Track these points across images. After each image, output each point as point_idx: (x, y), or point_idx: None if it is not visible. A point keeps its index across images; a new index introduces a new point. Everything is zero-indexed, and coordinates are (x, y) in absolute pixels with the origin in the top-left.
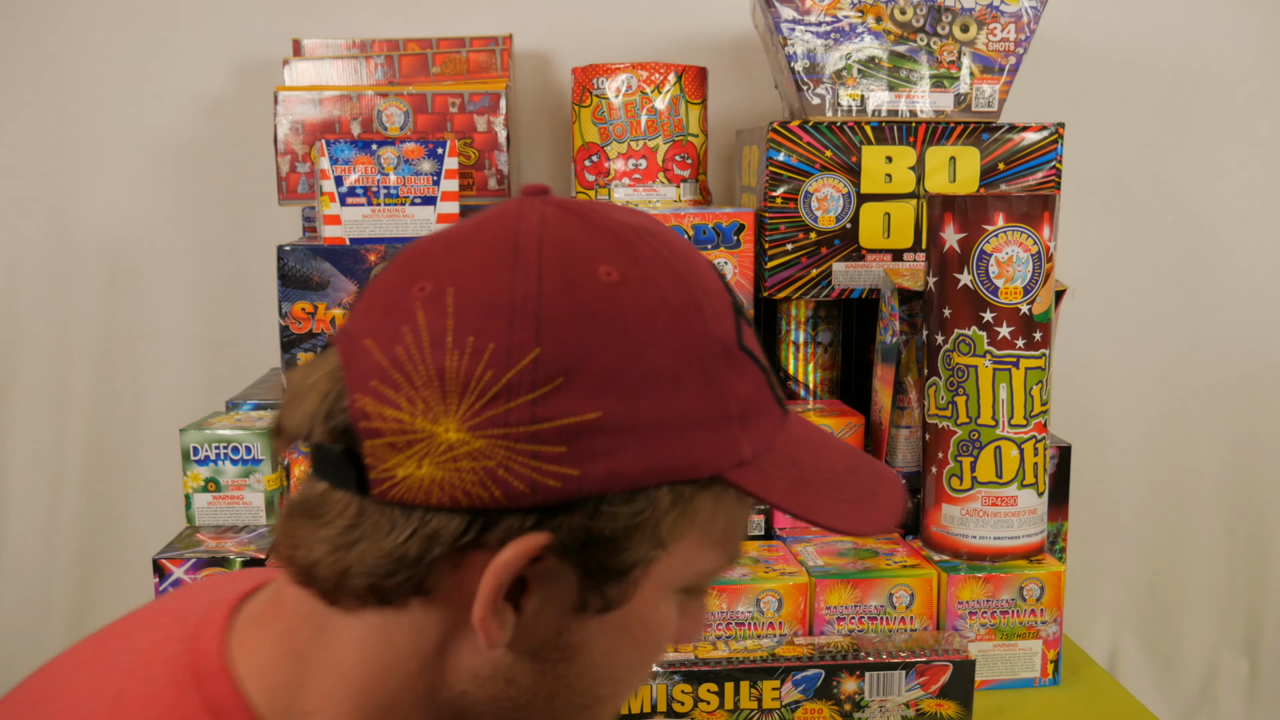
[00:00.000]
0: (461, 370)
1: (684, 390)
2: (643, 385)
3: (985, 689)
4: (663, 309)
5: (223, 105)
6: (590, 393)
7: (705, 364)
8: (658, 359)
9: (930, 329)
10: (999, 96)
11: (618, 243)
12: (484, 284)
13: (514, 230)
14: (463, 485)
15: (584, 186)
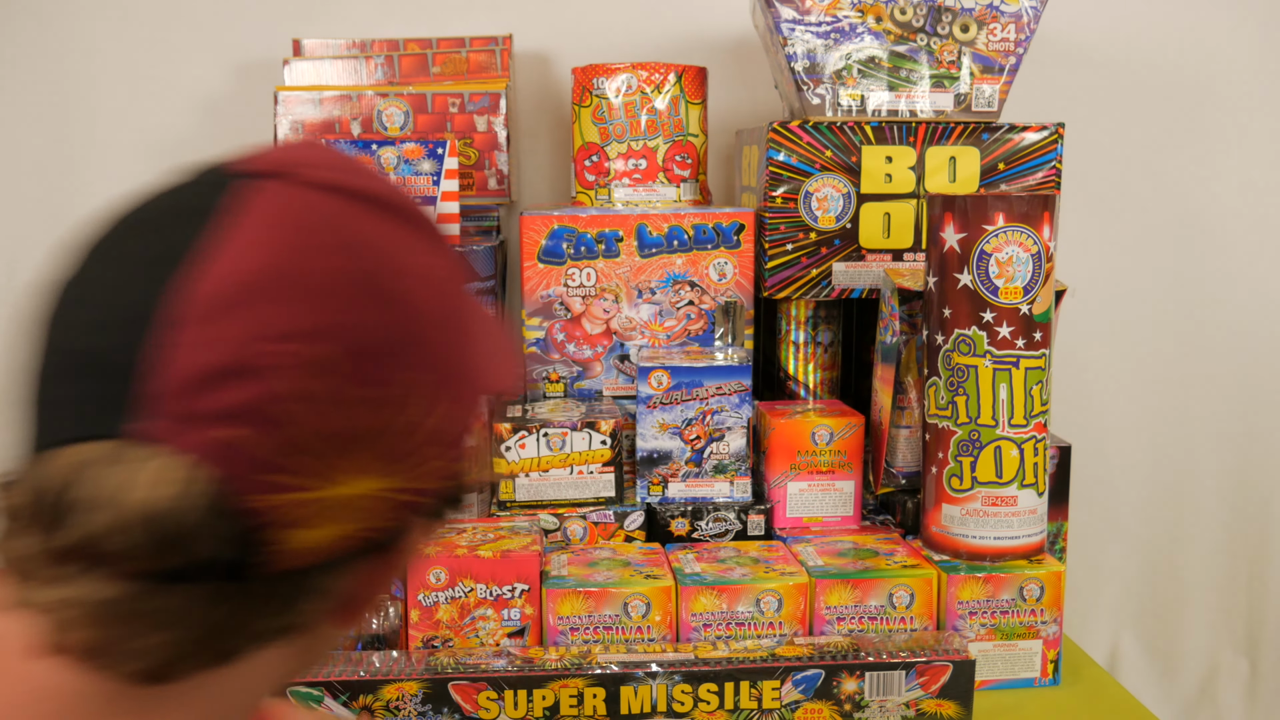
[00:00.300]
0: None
1: None
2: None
3: (985, 689)
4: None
5: (223, 105)
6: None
7: None
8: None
9: (930, 329)
10: (999, 96)
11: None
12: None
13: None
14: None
15: (584, 186)
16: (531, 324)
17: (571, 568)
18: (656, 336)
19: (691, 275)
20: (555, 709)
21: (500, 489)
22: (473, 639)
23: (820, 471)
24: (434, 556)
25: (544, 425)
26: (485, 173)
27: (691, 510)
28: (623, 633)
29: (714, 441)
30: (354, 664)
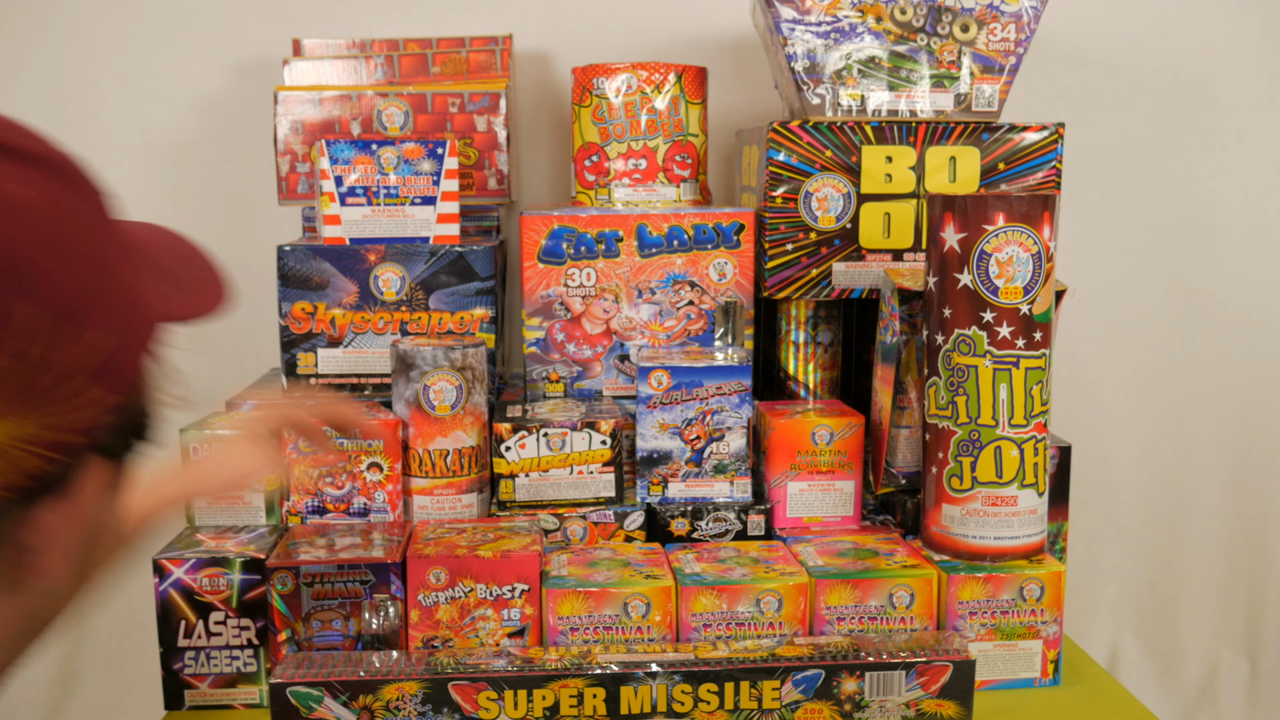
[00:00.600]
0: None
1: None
2: None
3: (985, 689)
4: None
5: (223, 105)
6: None
7: None
8: None
9: (930, 329)
10: (999, 96)
11: None
12: None
13: None
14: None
15: (584, 186)
16: (531, 324)
17: (571, 568)
18: (656, 336)
19: (691, 275)
20: (555, 709)
21: (500, 489)
22: (473, 639)
23: (820, 471)
24: (434, 557)
25: (544, 425)
26: (485, 173)
27: (691, 510)
28: (623, 633)
29: (714, 441)
30: (354, 664)
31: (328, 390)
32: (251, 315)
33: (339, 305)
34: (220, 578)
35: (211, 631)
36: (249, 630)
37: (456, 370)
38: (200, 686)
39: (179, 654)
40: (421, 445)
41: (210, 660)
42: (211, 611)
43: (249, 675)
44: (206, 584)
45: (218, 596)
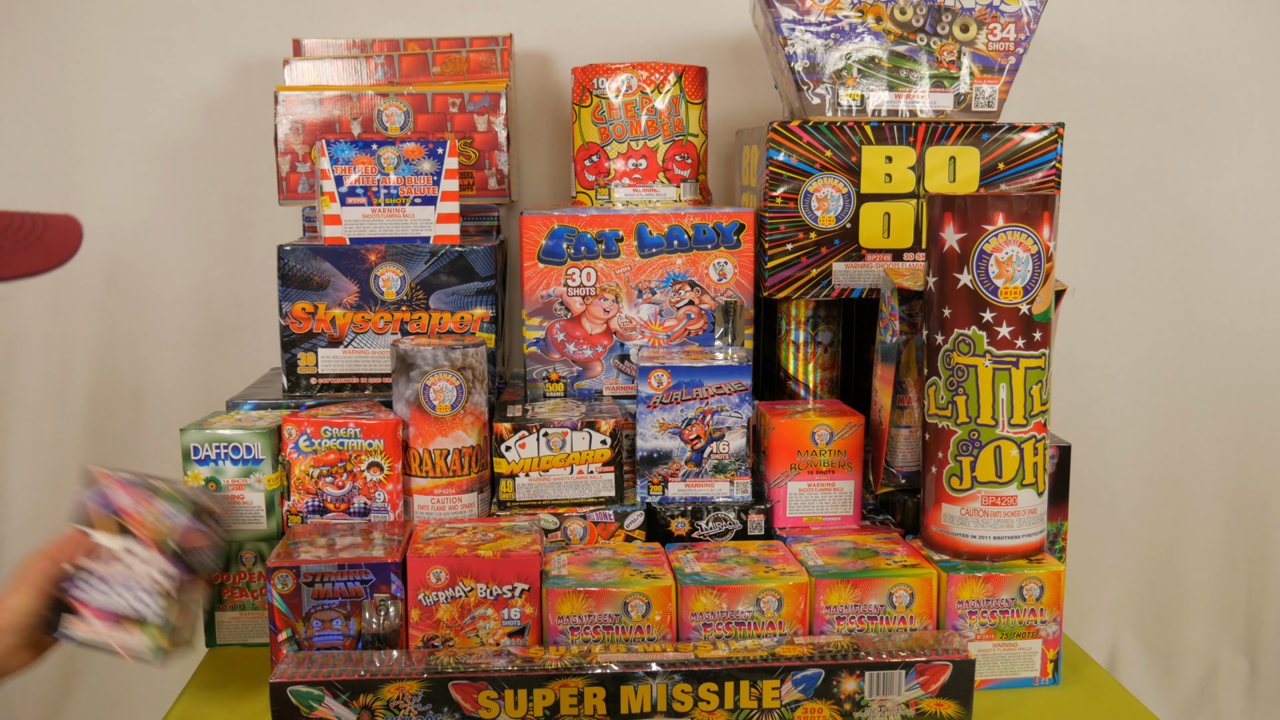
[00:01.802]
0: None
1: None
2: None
3: (985, 689)
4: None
5: (223, 105)
6: None
7: None
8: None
9: (930, 329)
10: (999, 96)
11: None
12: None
13: None
14: None
15: (584, 186)
16: (531, 324)
17: (571, 567)
18: (656, 336)
19: (691, 275)
20: (555, 709)
21: (500, 489)
22: (473, 639)
23: (820, 471)
24: (434, 556)
25: (544, 425)
26: (485, 173)
27: (691, 510)
28: (623, 632)
29: (714, 441)
30: (354, 664)
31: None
32: (251, 315)
33: (339, 305)
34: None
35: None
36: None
37: (457, 370)
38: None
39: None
40: (422, 445)
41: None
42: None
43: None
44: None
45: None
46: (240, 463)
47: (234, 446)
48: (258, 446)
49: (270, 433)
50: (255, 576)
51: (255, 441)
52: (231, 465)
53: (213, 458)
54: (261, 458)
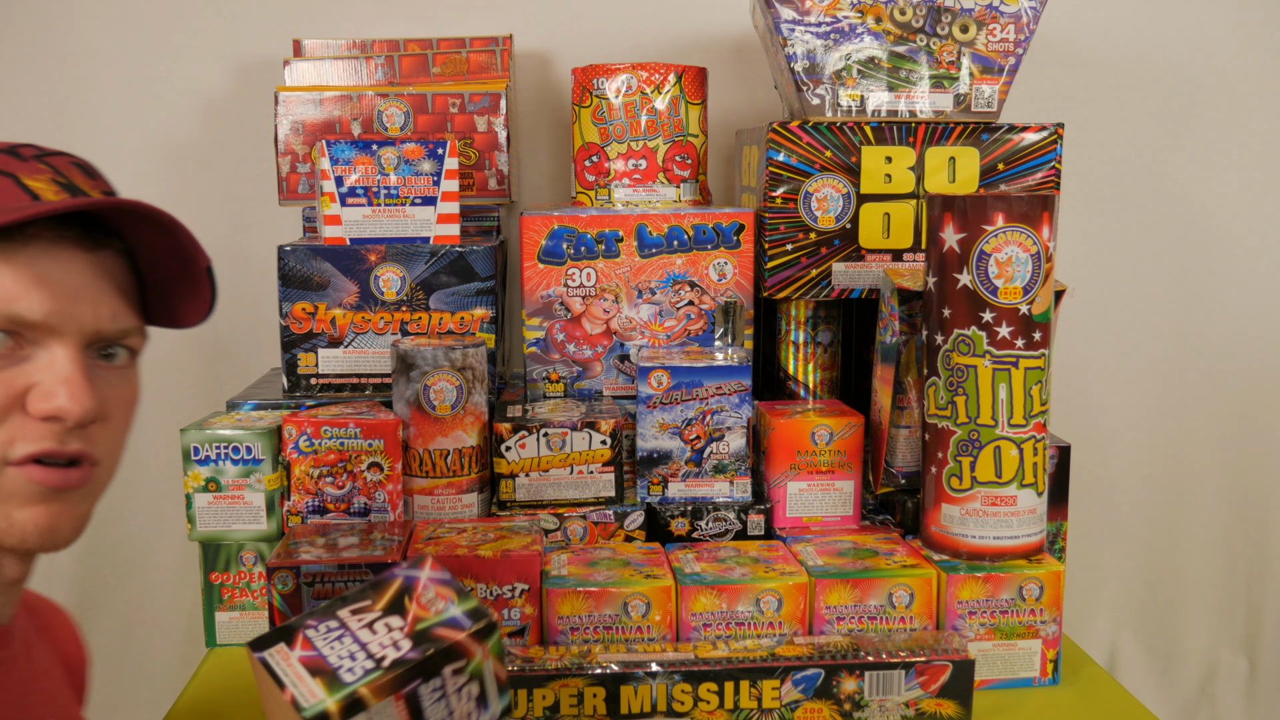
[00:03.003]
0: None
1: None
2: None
3: (985, 689)
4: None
5: (223, 105)
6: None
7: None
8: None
9: (930, 329)
10: (998, 97)
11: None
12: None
13: None
14: None
15: (584, 186)
16: (531, 324)
17: (571, 567)
18: (656, 336)
19: (691, 275)
20: (555, 709)
21: (500, 489)
22: None
23: (820, 471)
24: (434, 556)
25: (544, 425)
26: (485, 173)
27: (691, 510)
28: (623, 633)
29: (714, 441)
30: None
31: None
32: (252, 315)
33: (339, 305)
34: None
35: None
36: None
37: (457, 370)
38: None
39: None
40: (422, 445)
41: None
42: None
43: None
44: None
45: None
46: (240, 463)
47: (234, 446)
48: (258, 446)
49: (270, 433)
50: (255, 576)
51: (255, 441)
52: (231, 465)
53: (213, 458)
54: (262, 458)
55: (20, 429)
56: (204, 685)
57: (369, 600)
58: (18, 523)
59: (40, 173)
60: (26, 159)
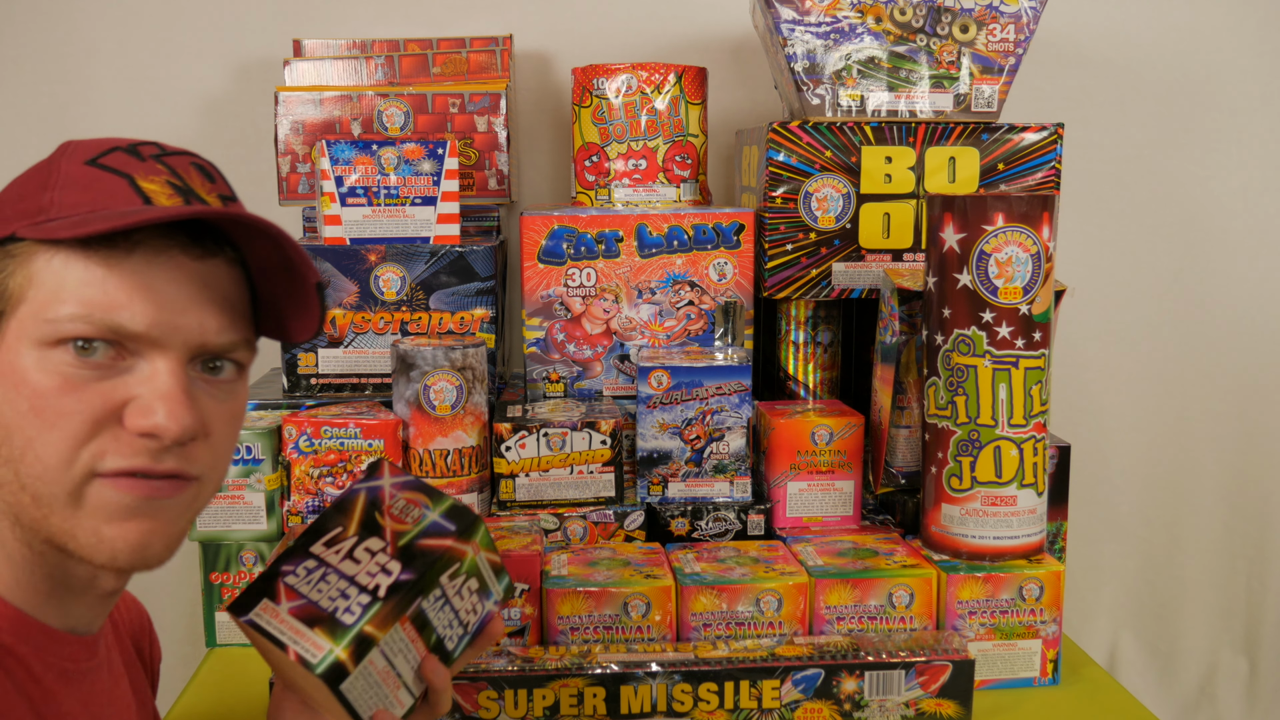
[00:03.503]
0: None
1: (16, 196)
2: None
3: (985, 689)
4: (46, 164)
5: (223, 105)
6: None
7: (41, 178)
8: (17, 186)
9: (930, 329)
10: (998, 97)
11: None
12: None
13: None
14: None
15: (584, 186)
16: (531, 324)
17: (571, 568)
18: (656, 336)
19: (691, 275)
20: (555, 709)
21: (500, 489)
22: None
23: (820, 471)
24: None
25: (544, 425)
26: (485, 173)
27: (691, 510)
28: (623, 633)
29: (714, 441)
30: None
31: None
32: None
33: (339, 305)
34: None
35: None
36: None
37: (457, 370)
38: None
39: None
40: (422, 445)
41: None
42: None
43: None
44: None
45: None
46: (240, 463)
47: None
48: (258, 446)
49: (270, 433)
50: (255, 576)
51: (255, 441)
52: (232, 465)
53: None
54: (261, 458)
55: (114, 442)
56: (204, 685)
57: (339, 527)
58: (108, 539)
59: (157, 174)
60: (145, 158)
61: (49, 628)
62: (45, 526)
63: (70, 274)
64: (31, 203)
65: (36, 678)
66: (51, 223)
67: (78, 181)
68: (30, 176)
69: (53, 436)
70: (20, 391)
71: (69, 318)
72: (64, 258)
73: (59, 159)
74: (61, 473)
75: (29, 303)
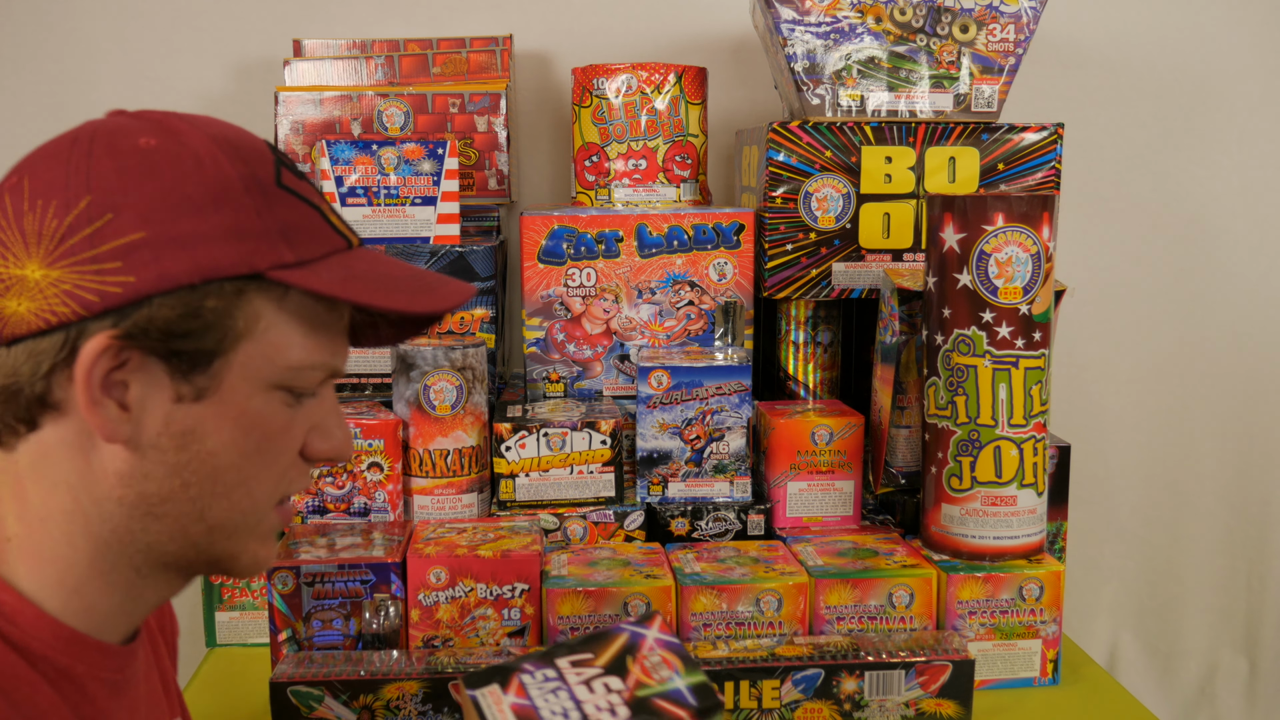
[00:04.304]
0: (35, 224)
1: (216, 212)
2: (178, 210)
3: (985, 689)
4: (191, 159)
5: (223, 105)
6: (135, 220)
7: (236, 195)
8: (190, 191)
9: (930, 329)
10: (998, 97)
11: (159, 125)
12: (48, 166)
13: (76, 132)
14: (49, 307)
15: (584, 186)
16: (531, 324)
17: (571, 567)
18: (656, 336)
19: (691, 275)
20: None
21: (500, 489)
22: (473, 639)
23: (820, 471)
24: (434, 556)
25: (544, 425)
26: (485, 173)
27: (691, 510)
28: None
29: (714, 441)
30: (354, 664)
31: None
32: None
33: None
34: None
35: None
36: None
37: (457, 370)
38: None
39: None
40: (422, 445)
41: None
42: None
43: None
44: None
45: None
46: None
47: None
48: None
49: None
50: (255, 576)
51: None
52: None
53: None
54: None
55: (295, 469)
56: (204, 685)
57: (590, 653)
58: (261, 559)
59: (323, 201)
60: (302, 177)
61: (103, 643)
62: (209, 552)
63: (304, 316)
64: (255, 229)
65: (90, 695)
66: (307, 269)
67: (289, 211)
68: (196, 182)
69: (270, 474)
70: (250, 435)
71: (308, 365)
72: (296, 299)
73: (222, 163)
74: (265, 504)
75: (260, 343)
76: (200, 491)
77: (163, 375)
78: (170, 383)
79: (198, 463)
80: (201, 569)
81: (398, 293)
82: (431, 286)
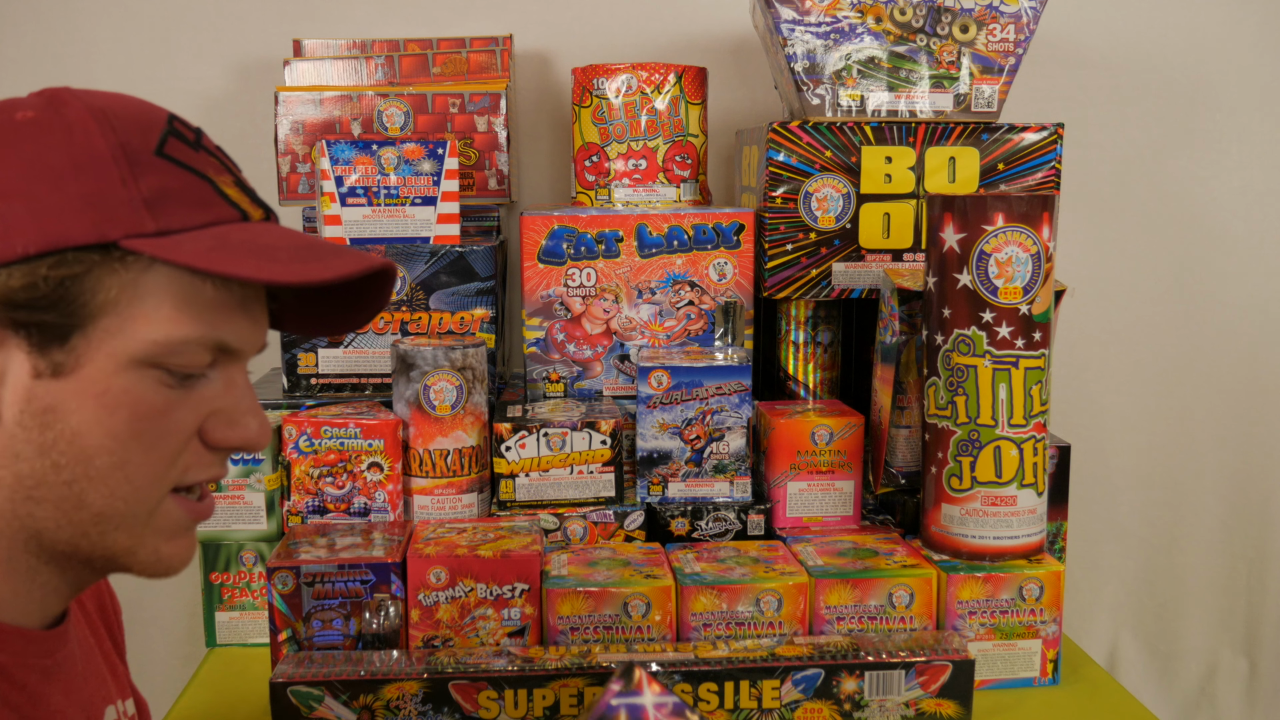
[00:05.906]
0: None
1: (75, 181)
2: (36, 180)
3: (985, 689)
4: (63, 130)
5: (223, 105)
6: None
7: (101, 163)
8: (52, 161)
9: (930, 329)
10: (998, 97)
11: (48, 100)
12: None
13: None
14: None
15: (584, 187)
16: (531, 324)
17: (571, 567)
18: (656, 336)
19: (691, 275)
20: (555, 709)
21: (500, 489)
22: (473, 639)
23: (820, 471)
24: (434, 556)
25: (544, 425)
26: (485, 173)
27: (691, 510)
28: (623, 633)
29: (714, 441)
30: (354, 664)
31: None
32: None
33: None
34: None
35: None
36: None
37: (457, 370)
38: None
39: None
40: (422, 445)
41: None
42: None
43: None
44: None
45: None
46: (240, 462)
47: None
48: None
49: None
50: (255, 576)
51: None
52: (231, 465)
53: None
54: (261, 458)
55: (194, 456)
56: (204, 685)
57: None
58: (165, 557)
59: (221, 174)
60: (198, 147)
61: (26, 630)
62: (101, 544)
63: (173, 289)
64: (115, 197)
65: (19, 683)
66: (169, 239)
67: (163, 180)
68: (61, 151)
69: (151, 458)
70: (116, 414)
71: (179, 341)
72: (164, 272)
73: (92, 133)
74: (150, 492)
75: (122, 317)
76: (74, 475)
77: (19, 350)
78: (28, 358)
79: (64, 443)
80: (102, 563)
81: (271, 263)
82: (320, 257)
